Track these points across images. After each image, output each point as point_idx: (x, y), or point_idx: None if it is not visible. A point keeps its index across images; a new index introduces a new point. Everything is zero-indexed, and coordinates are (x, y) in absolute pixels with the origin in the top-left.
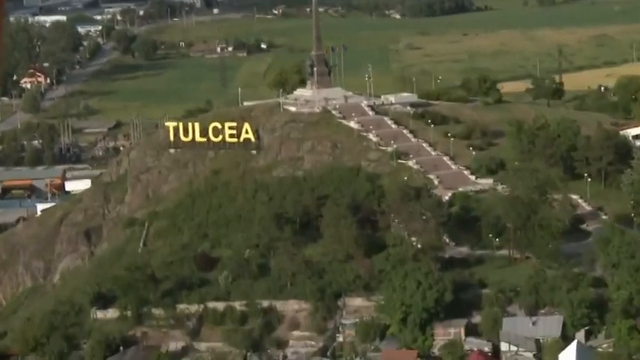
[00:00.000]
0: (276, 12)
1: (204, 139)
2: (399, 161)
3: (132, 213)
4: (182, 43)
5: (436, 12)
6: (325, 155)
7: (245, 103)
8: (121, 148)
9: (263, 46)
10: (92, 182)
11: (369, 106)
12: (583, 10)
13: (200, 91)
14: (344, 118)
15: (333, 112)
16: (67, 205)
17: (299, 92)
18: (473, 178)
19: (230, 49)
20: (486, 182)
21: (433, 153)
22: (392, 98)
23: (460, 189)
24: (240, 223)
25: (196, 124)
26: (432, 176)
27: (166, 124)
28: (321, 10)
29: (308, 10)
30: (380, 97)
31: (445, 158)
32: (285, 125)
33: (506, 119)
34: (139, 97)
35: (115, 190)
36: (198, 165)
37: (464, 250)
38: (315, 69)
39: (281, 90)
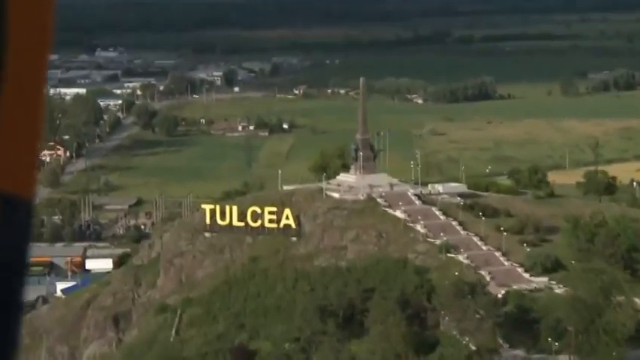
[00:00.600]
0: (297, 92)
1: (242, 224)
2: (449, 255)
3: (164, 298)
4: (203, 120)
5: (459, 98)
6: (370, 245)
7: (285, 187)
8: (142, 227)
9: (285, 125)
10: (122, 265)
11: (415, 195)
12: (608, 102)
13: (222, 169)
14: (389, 206)
15: (379, 200)
16: (94, 288)
17: (342, 177)
18: (527, 275)
19: (251, 127)
20: (541, 281)
21: (484, 247)
22: (440, 188)
23: (514, 287)
24: (280, 313)
25: (234, 208)
26: (483, 272)
27: (203, 206)
28: (342, 92)
29: (329, 91)
30: (427, 185)
31: (497, 254)
32: (327, 212)
33: (559, 214)
34: (160, 174)
35: (147, 274)
36: (235, 250)
37: (519, 353)
38: (360, 153)
39: (324, 175)
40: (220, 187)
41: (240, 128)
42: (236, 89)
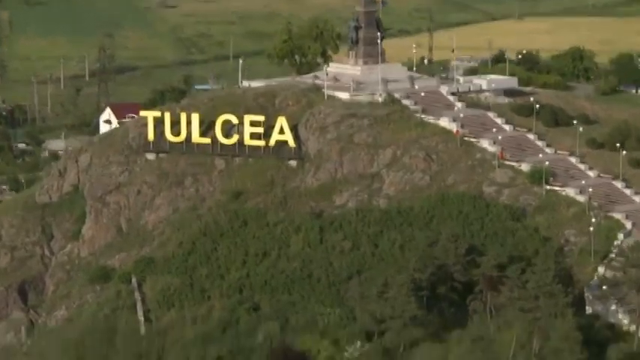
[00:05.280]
0: None
1: (208, 140)
2: (548, 187)
3: (99, 258)
4: None
5: None
6: (417, 173)
7: (246, 83)
8: None
9: None
10: (17, 203)
11: (452, 93)
12: None
13: None
14: (424, 111)
15: (405, 102)
16: None
17: (336, 68)
18: None
19: None
20: None
21: (590, 173)
22: (482, 82)
23: None
24: (312, 284)
25: (194, 116)
26: (617, 216)
27: (142, 113)
28: None
29: None
30: (458, 79)
31: (617, 183)
32: (340, 122)
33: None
34: None
35: (61, 219)
36: (201, 181)
37: None
38: (361, 33)
39: (326, 65)
40: None
41: None
42: None
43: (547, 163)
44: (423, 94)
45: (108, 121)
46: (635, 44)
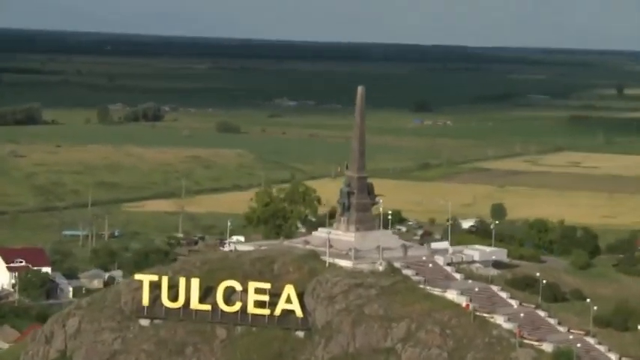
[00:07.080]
0: None
1: (208, 307)
2: None
3: None
4: None
5: (9, 122)
6: (434, 349)
7: (238, 246)
8: None
9: None
10: None
11: (448, 264)
12: (143, 131)
13: None
14: (427, 282)
15: (406, 272)
16: None
17: (327, 233)
18: None
19: None
20: None
21: (612, 357)
22: (473, 253)
23: None
24: None
25: (194, 281)
26: None
27: (137, 276)
28: None
29: None
30: (448, 249)
31: None
32: (349, 292)
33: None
34: None
35: None
36: (202, 350)
37: None
38: (353, 199)
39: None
40: None
41: None
42: None
43: (579, 345)
44: (430, 265)
45: None
46: (444, 206)
